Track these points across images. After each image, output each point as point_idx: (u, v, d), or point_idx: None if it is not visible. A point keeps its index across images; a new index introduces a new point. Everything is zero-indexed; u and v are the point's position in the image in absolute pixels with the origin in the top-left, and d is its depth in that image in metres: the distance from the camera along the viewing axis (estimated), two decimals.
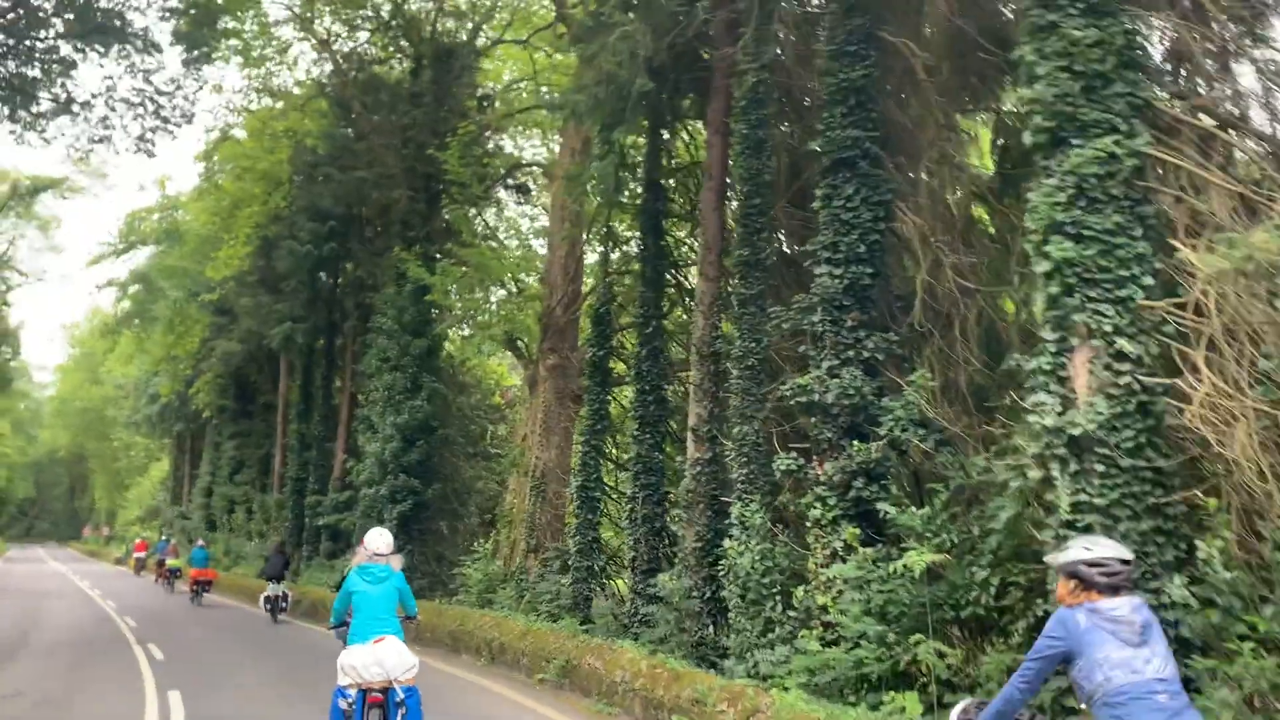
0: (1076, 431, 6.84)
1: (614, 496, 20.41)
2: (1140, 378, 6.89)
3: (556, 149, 30.24)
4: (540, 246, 34.93)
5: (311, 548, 31.35)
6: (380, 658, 7.47)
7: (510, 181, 28.03)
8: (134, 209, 45.97)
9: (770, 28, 12.95)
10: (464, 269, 22.77)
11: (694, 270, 18.59)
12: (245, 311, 36.92)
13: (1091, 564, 3.91)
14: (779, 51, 13.32)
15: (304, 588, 27.02)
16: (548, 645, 13.98)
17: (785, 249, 14.48)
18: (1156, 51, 8.07)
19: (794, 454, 10.72)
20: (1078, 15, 7.33)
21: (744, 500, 12.04)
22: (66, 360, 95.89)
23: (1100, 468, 6.79)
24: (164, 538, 39.87)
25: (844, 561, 10.02)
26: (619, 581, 18.02)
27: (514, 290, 24.60)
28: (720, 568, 13.41)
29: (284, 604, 23.07)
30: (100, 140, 30.61)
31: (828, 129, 11.17)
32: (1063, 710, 6.60)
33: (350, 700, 7.41)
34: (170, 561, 33.89)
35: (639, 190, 19.65)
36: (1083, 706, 3.89)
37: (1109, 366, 6.90)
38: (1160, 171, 7.43)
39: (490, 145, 29.24)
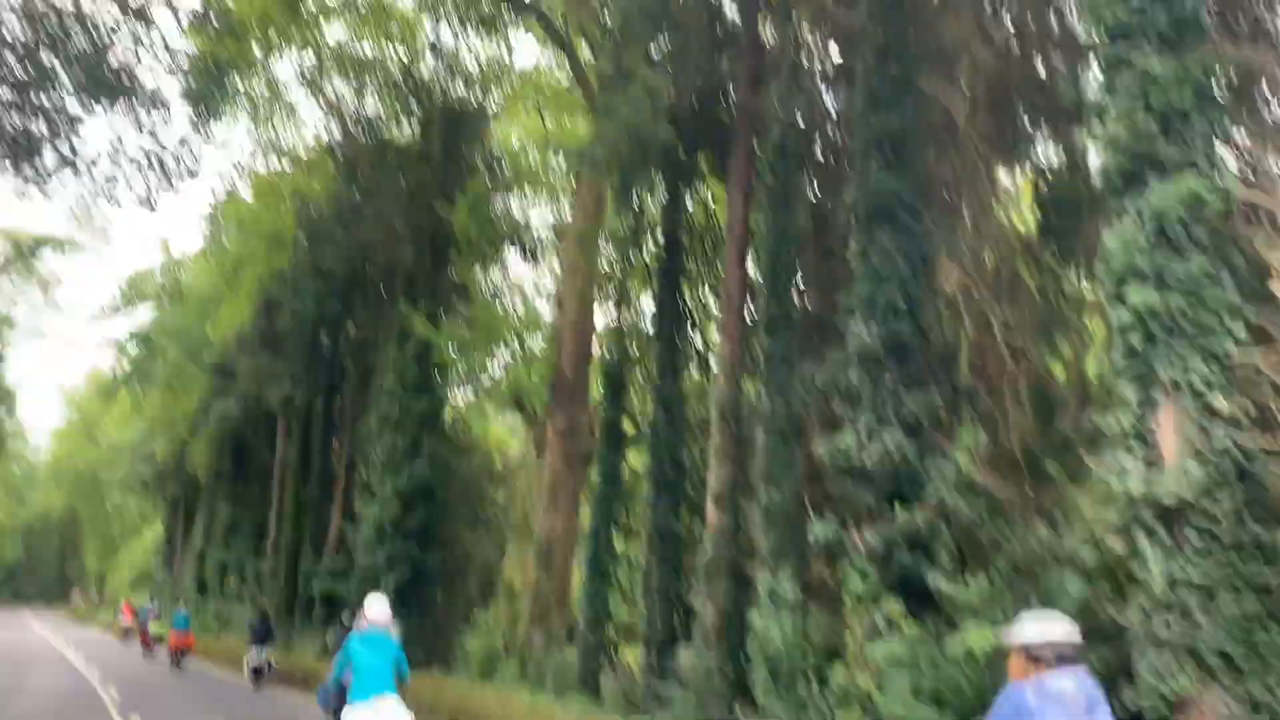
0: (1169, 500, 6.13)
1: (626, 566, 19.52)
2: (1237, 438, 6.21)
3: (567, 210, 30.01)
4: (545, 310, 34.70)
5: (304, 615, 30.22)
6: (380, 716, 8.06)
7: (518, 241, 27.59)
8: (136, 270, 45.71)
9: (797, 79, 12.54)
10: (470, 328, 22.15)
11: (711, 329, 18.03)
12: (245, 372, 36.27)
13: (1041, 638, 3.98)
14: (806, 104, 12.88)
15: (295, 657, 25.89)
16: None
17: (810, 305, 13.85)
18: (1234, 84, 7.54)
19: (830, 520, 9.97)
20: (1153, 49, 6.82)
21: (773, 570, 11.25)
22: (63, 423, 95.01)
23: (1196, 540, 6.08)
24: (148, 604, 39.49)
25: (887, 639, 9.24)
26: (630, 656, 17.06)
27: (520, 351, 23.98)
28: (745, 644, 12.59)
29: (269, 671, 22.75)
30: (104, 196, 30.34)
31: (863, 179, 10.66)
32: None
33: None
34: (152, 627, 33.50)
35: (655, 248, 19.24)
36: None
37: (1201, 426, 6.23)
38: (1249, 212, 6.84)
39: (499, 207, 28.95)
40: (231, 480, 43.86)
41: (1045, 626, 4.03)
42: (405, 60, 30.25)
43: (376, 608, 8.94)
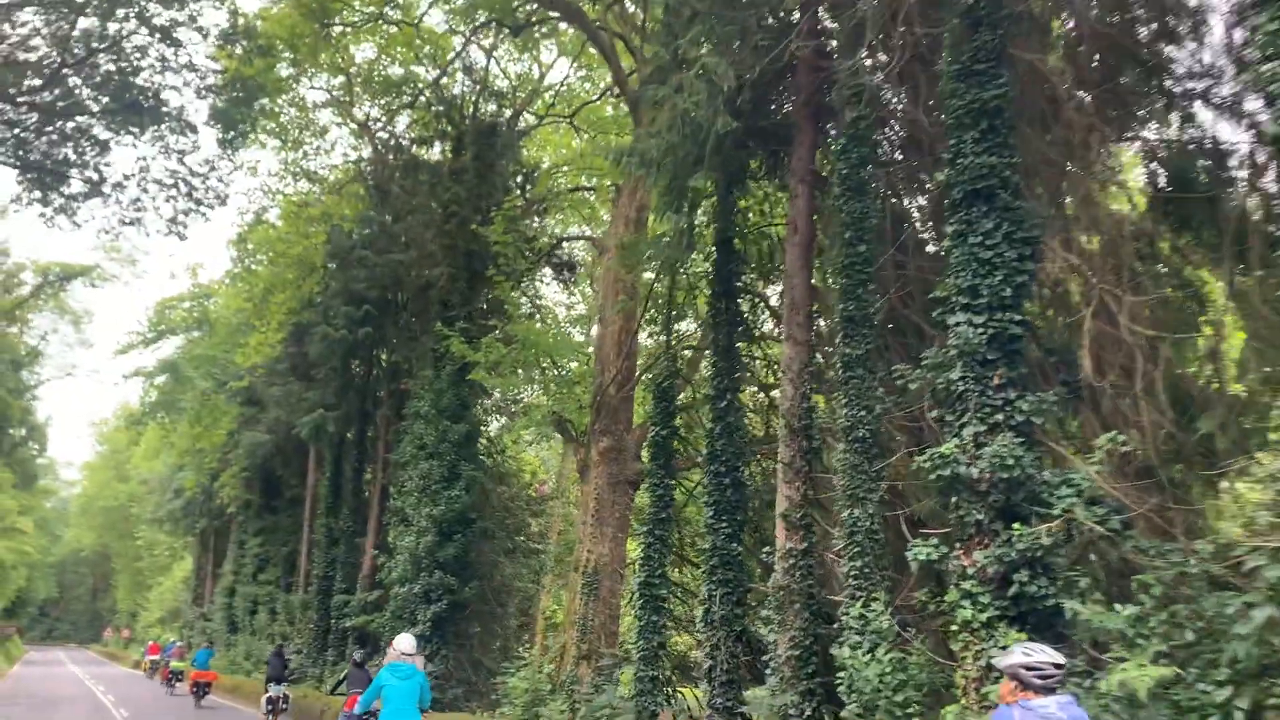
0: None
1: (680, 595, 18.29)
2: None
3: (602, 228, 29.08)
4: (578, 335, 33.63)
5: (337, 650, 29.12)
6: None
7: (556, 258, 26.64)
8: (164, 298, 45.26)
9: (869, 57, 11.49)
10: (510, 346, 21.13)
11: (766, 338, 16.91)
12: (274, 401, 35.51)
13: (1029, 668, 4.34)
14: (880, 83, 11.80)
15: (330, 697, 24.74)
16: None
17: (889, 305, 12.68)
18: None
19: (932, 540, 8.76)
20: None
21: (859, 598, 10.05)
22: (93, 457, 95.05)
23: None
24: (171, 641, 40.66)
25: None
26: (689, 694, 15.79)
27: (556, 374, 22.88)
28: (823, 679, 11.35)
29: (284, 705, 23.13)
30: (131, 223, 29.75)
31: (957, 157, 9.53)
32: None
33: None
34: (174, 664, 34.27)
35: (702, 257, 18.18)
36: None
37: None
38: None
39: (534, 224, 28.07)
40: (261, 513, 43.05)
41: (1032, 654, 4.42)
42: (435, 79, 29.62)
43: (405, 642, 10.07)
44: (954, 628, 8.56)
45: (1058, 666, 4.45)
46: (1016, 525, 8.24)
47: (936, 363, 9.20)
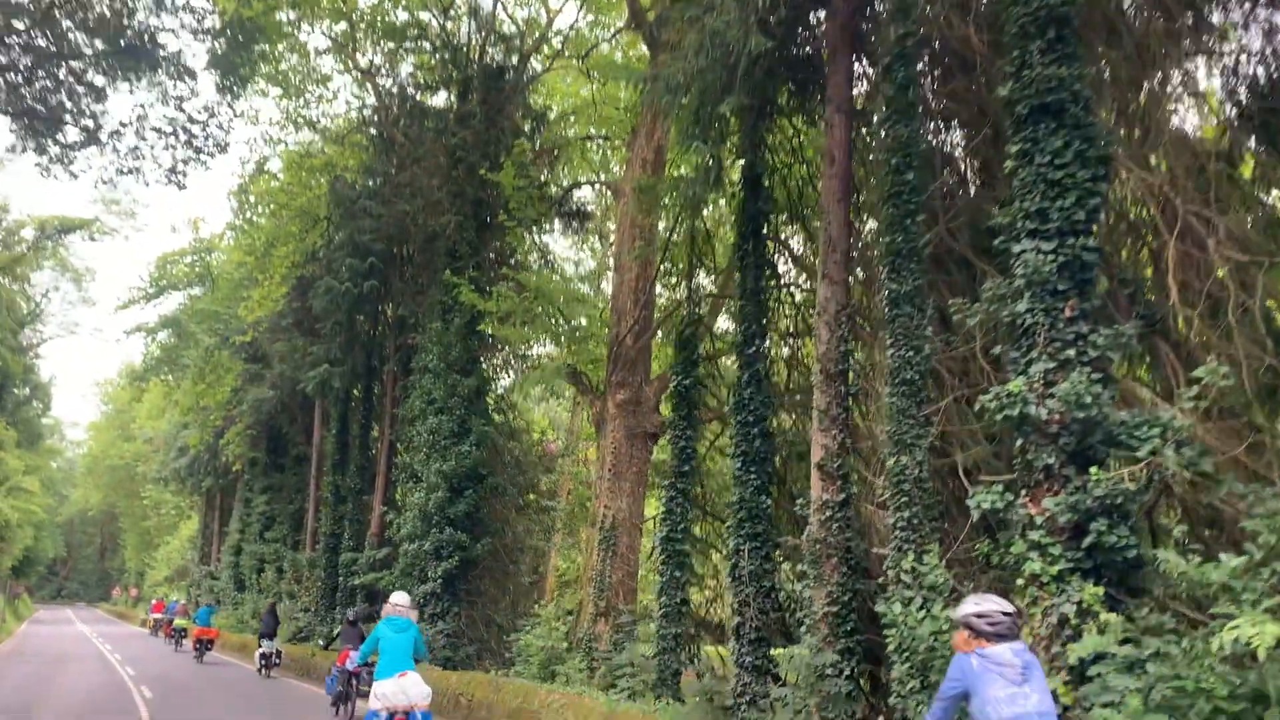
0: None
1: (704, 551, 17.66)
2: None
3: (614, 179, 28.14)
4: (589, 291, 32.76)
5: (346, 609, 28.68)
6: (405, 688, 9.67)
7: (567, 208, 25.74)
8: (165, 252, 44.43)
9: None
10: (521, 296, 20.33)
11: (794, 286, 16.11)
12: (279, 356, 34.80)
13: (980, 615, 4.62)
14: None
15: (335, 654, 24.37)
16: None
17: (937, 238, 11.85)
18: None
19: (998, 488, 8.02)
20: None
21: (908, 551, 9.34)
22: (99, 417, 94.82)
23: None
24: (174, 600, 43.19)
25: (1076, 631, 7.32)
26: (713, 652, 15.20)
27: (566, 327, 22.05)
28: (863, 637, 10.70)
29: (276, 660, 24.45)
30: (129, 172, 28.90)
31: (1022, 69, 8.66)
32: None
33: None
34: (178, 621, 35.77)
35: (725, 200, 17.35)
36: None
37: None
38: None
39: (545, 173, 27.11)
40: (267, 470, 42.55)
41: (982, 603, 4.62)
42: (440, 23, 28.57)
43: (400, 597, 10.86)
44: (1019, 582, 7.85)
45: (1006, 614, 4.65)
46: (1094, 470, 7.49)
47: (1000, 294, 8.41)
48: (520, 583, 25.70)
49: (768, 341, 14.21)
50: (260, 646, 24.47)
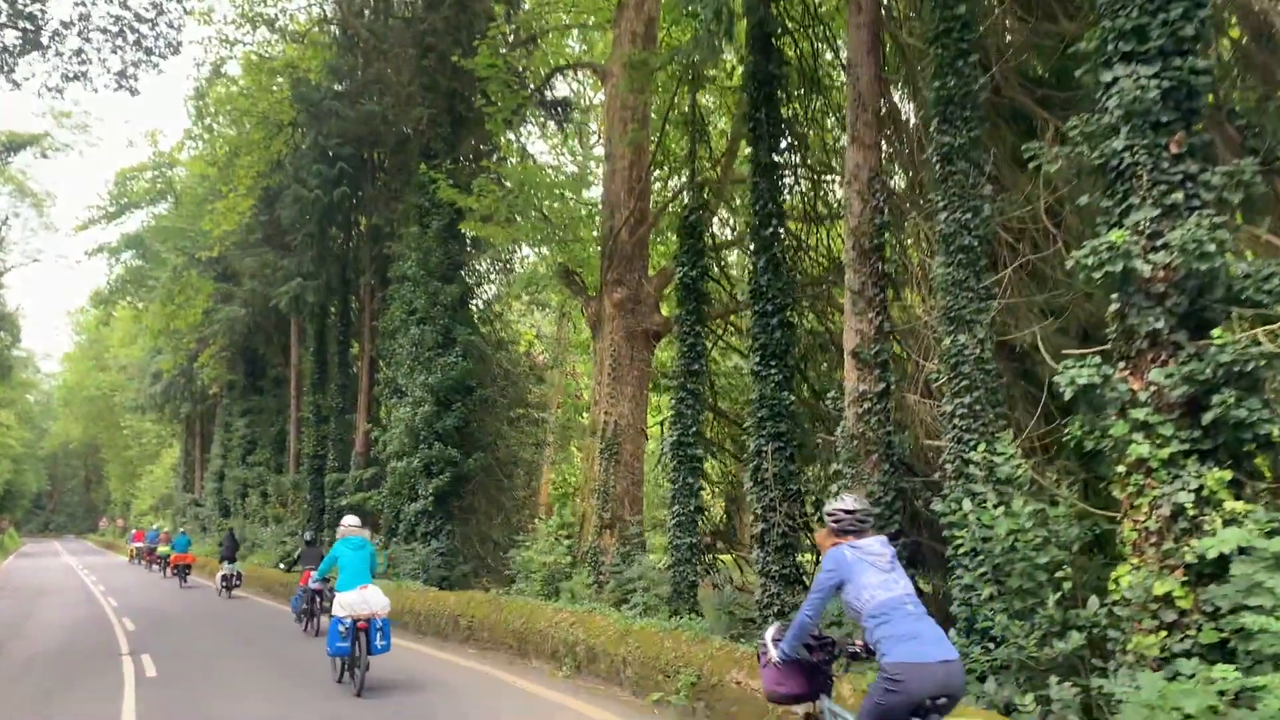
0: None
1: (717, 456, 16.55)
2: None
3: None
4: (572, 198, 31.01)
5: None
6: (366, 598, 10.79)
7: (549, 96, 23.96)
8: (124, 167, 42.20)
9: None
10: (505, 193, 18.76)
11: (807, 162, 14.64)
12: (249, 273, 33.12)
13: (848, 512, 4.91)
14: None
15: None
16: (663, 653, 10.19)
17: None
18: None
19: (1094, 359, 6.77)
20: None
21: (970, 441, 8.15)
22: (72, 348, 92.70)
23: None
24: (155, 528, 43.45)
25: (1193, 524, 6.18)
26: (730, 561, 14.17)
27: (560, 221, 20.47)
28: (909, 540, 9.60)
29: (236, 582, 25.80)
30: (76, 77, 26.79)
31: None
32: None
33: (346, 626, 10.73)
34: (161, 548, 36.34)
35: (726, 74, 15.77)
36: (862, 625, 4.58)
37: None
38: None
39: (522, 63, 25.23)
40: (246, 393, 41.20)
41: (844, 501, 4.98)
42: None
43: (352, 519, 12.10)
44: (1119, 470, 6.67)
45: (869, 511, 4.96)
46: (1216, 332, 6.25)
47: (1090, 130, 7.04)
48: (515, 497, 24.69)
49: (789, 221, 12.82)
50: (221, 569, 25.82)
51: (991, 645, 7.25)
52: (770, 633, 5.34)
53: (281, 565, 23.99)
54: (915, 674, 4.35)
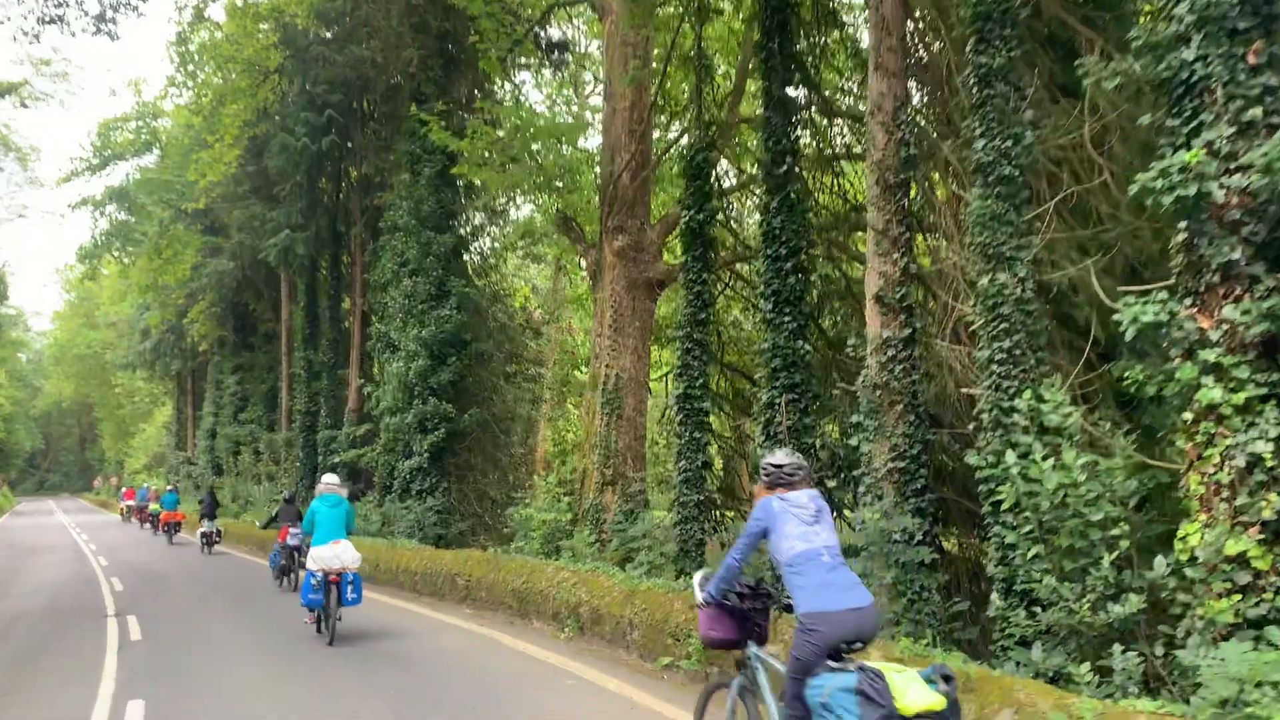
0: None
1: (727, 410, 15.90)
2: None
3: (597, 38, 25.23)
4: (567, 148, 30.02)
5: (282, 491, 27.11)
6: (338, 553, 11.34)
7: (544, 37, 23.00)
8: (107, 117, 41.05)
9: None
10: (499, 132, 17.94)
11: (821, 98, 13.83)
12: (237, 225, 32.22)
13: (778, 466, 5.03)
14: None
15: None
16: (672, 615, 9.63)
17: None
18: None
19: (1160, 295, 6.09)
20: None
21: (1009, 388, 7.50)
22: (62, 306, 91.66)
23: None
24: (144, 486, 44.33)
25: (1271, 475, 5.55)
26: (738, 519, 13.58)
27: (556, 165, 19.60)
28: (935, 496, 8.99)
29: (216, 539, 26.38)
30: (52, 20, 25.78)
31: None
32: None
33: (318, 579, 11.27)
34: (152, 506, 36.24)
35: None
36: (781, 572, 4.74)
37: None
38: None
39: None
40: (236, 350, 40.48)
41: (777, 459, 5.07)
42: None
43: (330, 477, 12.24)
44: (1185, 418, 6.03)
45: (800, 466, 5.04)
46: None
47: (1154, 41, 6.30)
48: (512, 454, 24.11)
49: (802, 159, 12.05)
50: (201, 526, 26.42)
51: (1038, 609, 6.64)
52: (698, 577, 5.58)
53: (259, 523, 23.68)
54: (826, 622, 4.51)
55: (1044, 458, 6.63)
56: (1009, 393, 7.52)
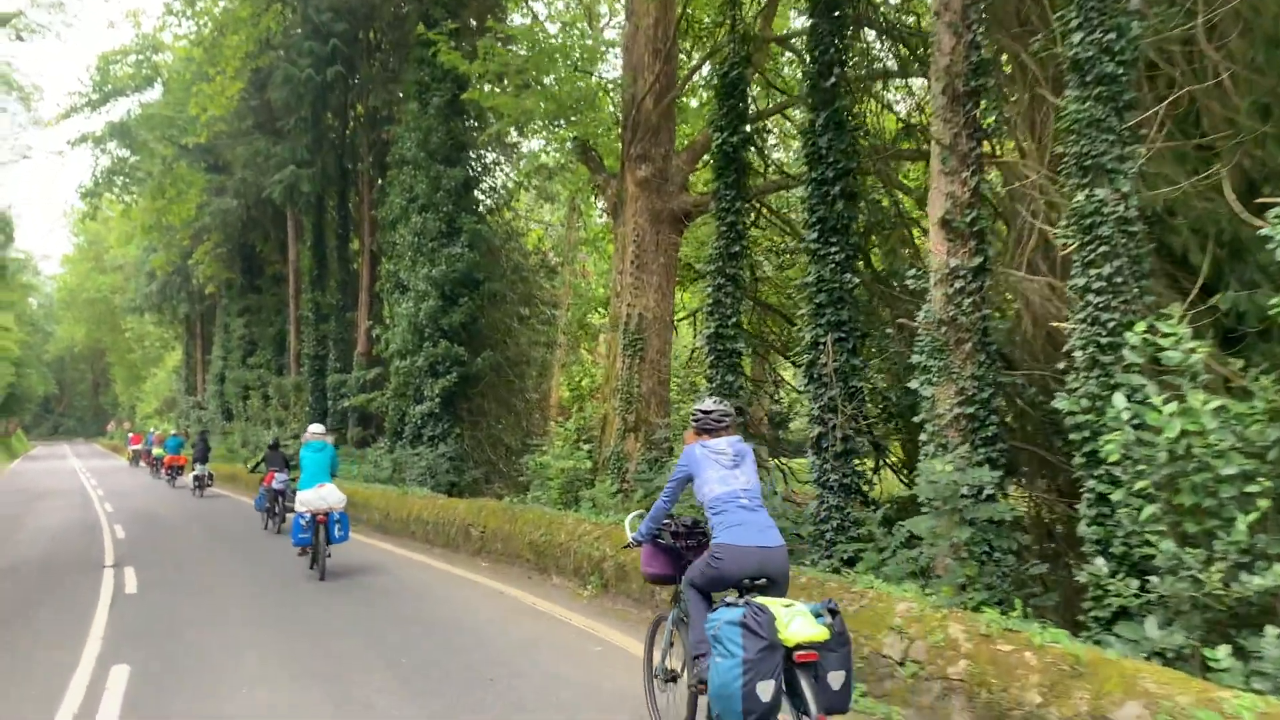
0: None
1: (759, 351, 14.86)
2: None
3: None
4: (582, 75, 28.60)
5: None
6: (323, 495, 12.08)
7: None
8: (107, 50, 39.69)
9: None
10: (511, 51, 16.71)
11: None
12: (241, 162, 31.08)
13: (706, 412, 5.32)
14: None
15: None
16: None
17: None
18: None
19: None
20: None
21: (1109, 322, 6.46)
22: (71, 250, 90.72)
23: None
24: (151, 431, 45.74)
25: None
26: (775, 468, 12.63)
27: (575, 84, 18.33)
28: (1005, 447, 7.99)
29: (208, 482, 27.17)
30: None
31: None
32: None
33: (306, 520, 11.99)
34: (156, 450, 37.05)
35: None
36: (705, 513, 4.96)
37: None
38: None
39: None
40: (244, 292, 39.56)
41: (705, 406, 5.34)
42: None
43: (316, 426, 12.92)
44: None
45: (725, 413, 5.33)
46: None
47: None
48: (527, 399, 23.20)
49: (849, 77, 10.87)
50: (194, 469, 27.14)
51: (1151, 578, 5.66)
52: (629, 519, 6.34)
53: (248, 467, 23.16)
54: (733, 554, 4.75)
55: (1165, 401, 5.60)
56: (1108, 326, 6.47)
